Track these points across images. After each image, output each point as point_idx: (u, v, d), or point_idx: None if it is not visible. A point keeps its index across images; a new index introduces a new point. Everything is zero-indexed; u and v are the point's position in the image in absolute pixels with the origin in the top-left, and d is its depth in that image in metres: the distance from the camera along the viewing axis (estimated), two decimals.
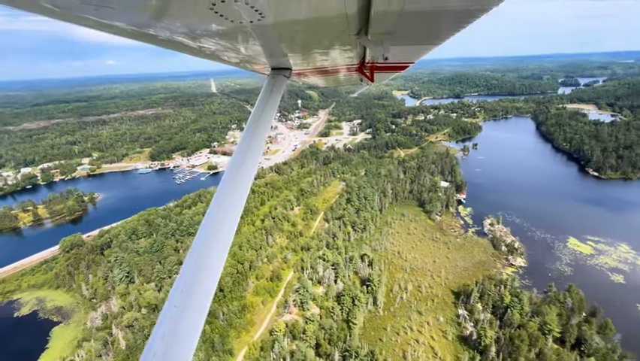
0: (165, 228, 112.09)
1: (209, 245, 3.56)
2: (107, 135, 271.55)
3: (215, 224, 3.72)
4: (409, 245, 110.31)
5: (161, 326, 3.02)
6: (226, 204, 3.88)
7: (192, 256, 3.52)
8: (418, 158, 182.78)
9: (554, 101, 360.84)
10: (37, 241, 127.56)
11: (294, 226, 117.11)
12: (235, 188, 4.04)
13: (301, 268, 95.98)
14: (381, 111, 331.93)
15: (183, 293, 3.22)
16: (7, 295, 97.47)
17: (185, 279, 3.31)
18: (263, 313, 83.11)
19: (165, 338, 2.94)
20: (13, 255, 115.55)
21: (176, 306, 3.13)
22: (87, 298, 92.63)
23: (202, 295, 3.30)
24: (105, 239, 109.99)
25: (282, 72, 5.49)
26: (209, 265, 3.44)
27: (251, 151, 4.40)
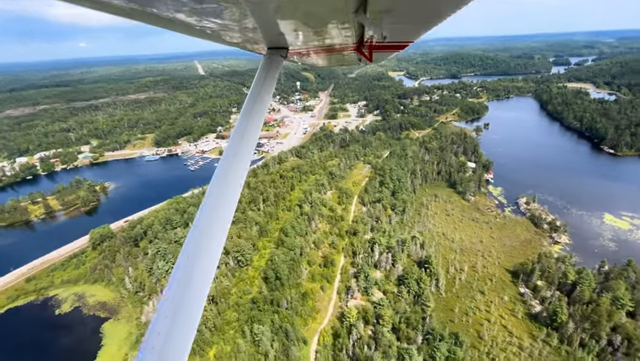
0: None
1: (208, 230, 3.53)
2: (103, 122, 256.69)
3: (214, 207, 3.70)
4: (451, 226, 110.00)
5: (151, 336, 2.95)
6: (225, 187, 3.85)
7: (192, 238, 3.47)
8: (437, 139, 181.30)
9: (552, 80, 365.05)
10: (56, 235, 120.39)
11: (332, 210, 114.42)
12: (233, 171, 3.99)
13: (352, 252, 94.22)
14: (385, 92, 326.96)
15: (179, 289, 3.17)
16: (41, 293, 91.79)
17: (181, 273, 3.27)
18: (324, 299, 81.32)
19: (161, 336, 2.90)
20: (35, 250, 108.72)
21: (172, 303, 3.10)
22: (132, 291, 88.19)
23: (197, 292, 3.23)
24: (138, 230, 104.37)
25: (278, 52, 5.30)
26: (208, 250, 3.43)
27: (248, 133, 4.33)
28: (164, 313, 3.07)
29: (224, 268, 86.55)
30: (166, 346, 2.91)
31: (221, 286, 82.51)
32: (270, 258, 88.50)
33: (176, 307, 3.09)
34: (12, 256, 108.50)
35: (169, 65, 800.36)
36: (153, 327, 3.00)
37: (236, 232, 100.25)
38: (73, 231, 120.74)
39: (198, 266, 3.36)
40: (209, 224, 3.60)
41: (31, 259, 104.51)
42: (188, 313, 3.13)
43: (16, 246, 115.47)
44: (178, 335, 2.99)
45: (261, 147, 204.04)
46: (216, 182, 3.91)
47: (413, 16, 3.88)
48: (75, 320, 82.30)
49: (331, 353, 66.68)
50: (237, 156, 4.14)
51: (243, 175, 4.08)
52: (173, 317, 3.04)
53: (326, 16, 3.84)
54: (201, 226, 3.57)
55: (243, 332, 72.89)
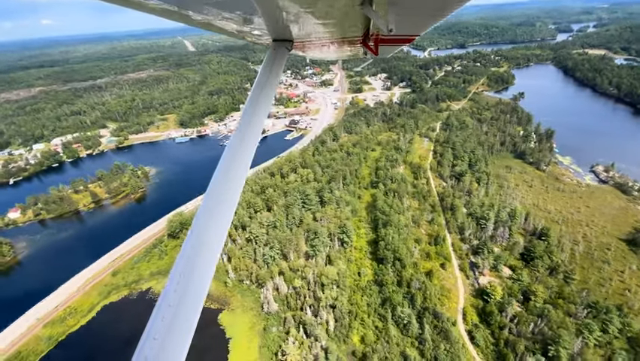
0: (285, 198, 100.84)
1: (214, 216, 3.53)
2: (115, 103, 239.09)
3: (217, 199, 3.69)
4: (539, 197, 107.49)
5: (153, 327, 2.96)
6: (231, 175, 3.87)
7: (198, 223, 3.48)
8: (486, 109, 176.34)
9: (567, 46, 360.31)
10: (117, 225, 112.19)
11: (414, 186, 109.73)
12: (239, 159, 4.02)
13: (458, 228, 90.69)
14: (404, 64, 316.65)
15: (180, 283, 3.15)
16: (133, 287, 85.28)
17: (184, 266, 3.25)
18: (449, 278, 78.18)
19: (158, 340, 2.90)
20: (103, 242, 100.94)
21: (171, 305, 3.08)
22: (236, 280, 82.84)
23: (198, 286, 3.24)
24: None
25: (283, 44, 5.33)
26: (214, 236, 3.44)
27: (253, 124, 4.33)
28: (166, 303, 3.05)
29: (332, 250, 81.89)
30: (168, 336, 2.90)
31: (338, 268, 77.95)
32: (382, 238, 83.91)
33: (179, 301, 3.07)
34: (80, 250, 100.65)
35: (154, 42, 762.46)
36: (155, 318, 2.98)
37: (331, 212, 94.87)
38: (134, 220, 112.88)
39: (201, 257, 3.34)
40: (214, 211, 3.57)
41: (103, 253, 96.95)
42: (190, 306, 3.12)
43: (80, 239, 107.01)
44: (181, 325, 2.98)
45: (296, 123, 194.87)
46: (222, 169, 3.87)
47: (419, 9, 3.81)
48: None
49: (488, 332, 64.18)
50: (243, 145, 4.10)
51: (247, 163, 4.06)
52: (176, 309, 3.02)
53: (331, 9, 3.79)
54: (207, 212, 3.55)
55: (382, 316, 69.44)
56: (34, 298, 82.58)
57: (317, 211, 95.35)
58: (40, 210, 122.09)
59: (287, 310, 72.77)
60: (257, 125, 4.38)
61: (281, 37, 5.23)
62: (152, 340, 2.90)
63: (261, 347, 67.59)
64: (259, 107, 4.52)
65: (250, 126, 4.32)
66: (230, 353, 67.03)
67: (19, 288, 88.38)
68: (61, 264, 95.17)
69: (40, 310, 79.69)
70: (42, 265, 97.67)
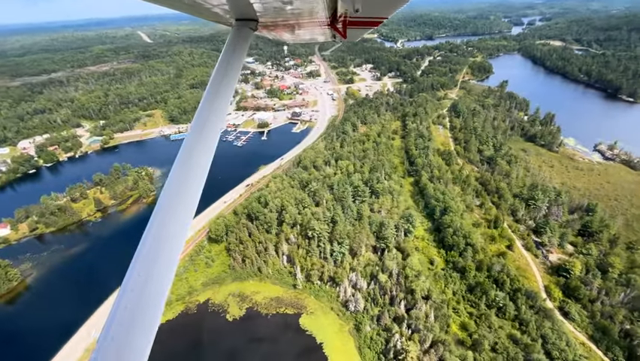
0: (332, 191, 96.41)
1: (170, 219, 3.25)
2: (86, 99, 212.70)
3: (178, 192, 3.45)
4: (563, 176, 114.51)
5: (110, 329, 2.70)
6: (193, 163, 3.65)
7: (151, 231, 3.16)
8: (486, 97, 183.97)
9: (528, 38, 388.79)
10: (135, 234, 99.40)
11: (452, 172, 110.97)
12: (201, 147, 3.77)
13: (510, 211, 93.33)
14: (387, 54, 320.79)
15: (138, 283, 2.90)
16: (187, 300, 76.25)
17: (141, 265, 2.99)
18: (519, 258, 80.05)
19: (115, 342, 2.66)
20: (128, 255, 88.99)
21: (127, 308, 2.80)
22: (304, 281, 77.65)
23: (160, 282, 2.98)
24: (269, 217, 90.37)
25: (247, 24, 5.02)
26: (174, 230, 3.18)
27: (215, 110, 4.06)
28: (123, 304, 2.79)
29: (394, 240, 79.90)
30: (126, 339, 2.68)
31: (410, 261, 76.14)
32: (447, 224, 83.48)
33: (138, 298, 2.83)
34: (101, 267, 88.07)
35: (102, 33, 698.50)
36: (112, 319, 2.74)
37: (387, 203, 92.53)
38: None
39: (163, 249, 3.11)
40: (176, 202, 3.33)
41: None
42: (150, 304, 2.87)
43: (96, 254, 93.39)
44: (139, 328, 2.75)
45: (298, 116, 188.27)
46: (183, 158, 3.64)
47: None
48: (261, 323, 70.38)
49: (579, 306, 66.68)
50: (205, 133, 3.83)
51: (211, 151, 3.81)
52: (134, 309, 2.77)
53: None
54: (168, 203, 3.30)
55: (472, 303, 69.21)
56: (63, 330, 70.39)
57: (374, 203, 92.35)
58: (36, 223, 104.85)
59: (374, 307, 69.68)
60: (220, 113, 4.02)
61: (244, 16, 4.93)
62: (110, 340, 2.65)
63: (360, 347, 64.05)
64: (221, 92, 4.16)
65: (212, 113, 3.96)
66: (330, 359, 62.53)
67: (38, 319, 74.82)
68: (84, 285, 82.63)
69: (79, 344, 68.26)
70: (58, 288, 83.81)
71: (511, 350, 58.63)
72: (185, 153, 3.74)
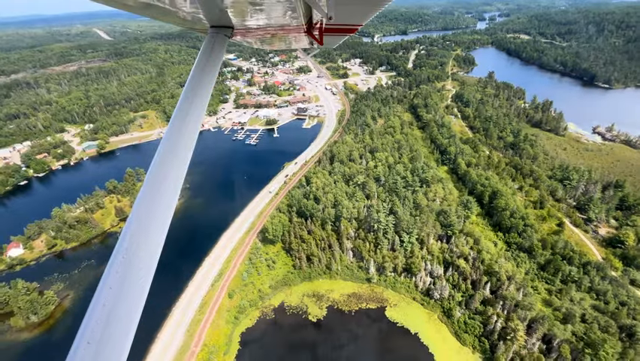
0: (379, 183, 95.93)
1: (147, 223, 3.28)
2: (65, 102, 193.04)
3: (157, 192, 3.48)
4: (577, 157, 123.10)
5: (87, 329, 2.62)
6: (168, 174, 3.64)
7: (128, 236, 3.19)
8: (484, 87, 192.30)
9: (497, 33, 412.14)
10: (176, 243, 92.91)
11: (482, 159, 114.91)
12: (176, 155, 3.76)
13: (549, 191, 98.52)
14: (372, 48, 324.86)
15: (116, 282, 2.89)
16: (260, 305, 72.26)
17: (119, 266, 2.97)
18: (572, 235, 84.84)
19: (92, 345, 2.57)
20: (176, 265, 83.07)
21: (105, 305, 2.77)
22: (376, 274, 76.66)
23: (137, 286, 2.98)
24: (327, 213, 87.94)
25: (222, 31, 5.07)
26: (147, 246, 3.19)
27: (191, 116, 4.09)
28: (102, 302, 2.74)
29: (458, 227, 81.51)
30: (104, 340, 2.60)
31: (485, 244, 78.05)
32: (503, 208, 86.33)
33: (116, 295, 2.81)
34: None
35: (54, 30, 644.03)
36: (89, 319, 2.67)
37: (440, 191, 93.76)
38: (195, 232, 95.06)
39: (140, 254, 3.14)
40: (150, 210, 3.35)
41: (186, 276, 79.90)
42: (130, 302, 2.85)
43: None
44: (118, 327, 2.71)
45: (305, 112, 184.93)
46: (158, 166, 3.62)
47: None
48: (348, 319, 68.46)
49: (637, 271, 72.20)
50: (180, 141, 3.87)
51: (186, 160, 3.84)
52: (113, 307, 2.73)
53: None
54: (142, 211, 3.33)
55: (547, 279, 72.39)
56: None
57: (427, 191, 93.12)
58: (54, 239, 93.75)
59: (457, 293, 70.54)
60: (195, 120, 4.03)
61: (219, 23, 4.92)
62: (86, 344, 2.54)
63: (457, 333, 64.63)
64: (197, 99, 4.17)
65: (188, 121, 3.97)
66: (431, 348, 62.39)
67: None
68: None
69: None
70: None
71: (600, 318, 62.14)
72: (160, 161, 3.59)
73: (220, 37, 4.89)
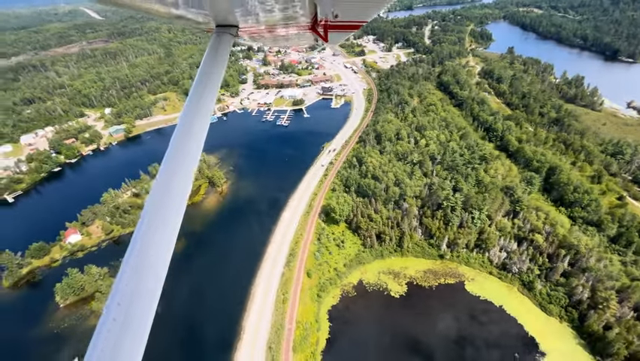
0: (435, 162, 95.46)
1: (157, 229, 3.23)
2: (80, 85, 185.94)
3: (167, 193, 3.47)
4: (619, 131, 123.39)
5: (98, 343, 2.58)
6: (177, 171, 3.61)
7: (146, 214, 3.21)
8: (511, 63, 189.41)
9: (508, 6, 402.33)
10: (232, 224, 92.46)
11: (528, 135, 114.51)
12: (183, 160, 3.72)
13: (605, 165, 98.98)
14: (385, 24, 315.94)
15: (125, 297, 2.77)
16: (340, 284, 72.98)
17: (128, 277, 2.87)
18: (633, 208, 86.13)
19: (105, 353, 2.55)
20: (238, 246, 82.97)
21: (115, 319, 2.67)
22: (447, 251, 77.56)
23: (147, 297, 2.87)
24: (392, 191, 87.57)
25: (228, 30, 5.08)
26: (158, 253, 3.09)
27: (200, 114, 4.09)
28: (112, 316, 2.69)
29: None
30: (115, 353, 2.58)
31: (557, 218, 78.92)
32: (566, 183, 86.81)
33: (127, 309, 2.74)
34: (225, 263, 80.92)
35: (41, 10, 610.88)
36: (98, 335, 2.62)
37: (501, 168, 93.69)
38: (248, 215, 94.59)
39: (154, 248, 3.09)
40: (160, 215, 3.31)
41: (255, 256, 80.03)
42: (142, 314, 2.78)
43: (206, 250, 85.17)
44: (129, 341, 2.66)
45: (330, 91, 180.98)
46: (166, 169, 3.61)
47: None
48: (431, 294, 69.66)
49: None
50: (188, 140, 3.83)
51: (195, 161, 3.80)
52: (124, 320, 2.70)
53: None
54: (152, 216, 3.29)
55: (619, 252, 73.89)
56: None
57: (488, 168, 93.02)
58: (110, 224, 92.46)
59: (534, 266, 71.85)
60: (203, 119, 4.04)
61: (225, 22, 4.98)
62: (100, 352, 2.58)
63: (541, 304, 66.32)
64: (204, 98, 4.19)
65: (196, 120, 3.96)
66: (519, 319, 64.10)
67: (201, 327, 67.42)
68: (225, 280, 75.53)
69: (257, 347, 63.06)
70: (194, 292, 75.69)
71: None
72: (168, 163, 3.60)
73: (226, 36, 4.92)
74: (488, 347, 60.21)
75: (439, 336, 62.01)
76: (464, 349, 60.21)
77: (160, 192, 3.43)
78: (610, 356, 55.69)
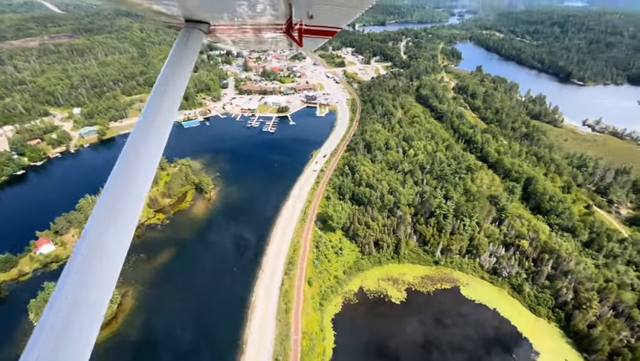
0: (424, 171, 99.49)
1: (107, 232, 2.93)
2: (44, 82, 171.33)
3: (120, 199, 3.16)
4: (578, 146, 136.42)
5: (49, 316, 2.41)
6: (130, 182, 3.32)
7: (80, 255, 2.77)
8: (482, 80, 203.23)
9: (472, 28, 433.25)
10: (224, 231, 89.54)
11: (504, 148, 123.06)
12: (140, 164, 3.47)
13: (572, 177, 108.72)
14: (362, 37, 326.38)
15: (70, 294, 2.54)
16: (341, 291, 72.82)
17: (74, 279, 2.62)
18: (598, 216, 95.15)
19: (54, 330, 2.37)
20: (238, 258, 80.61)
21: (53, 327, 2.40)
22: (441, 256, 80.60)
23: (94, 305, 2.62)
24: (387, 199, 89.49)
25: (198, 26, 4.82)
26: (106, 261, 2.81)
27: (163, 114, 3.83)
28: (49, 324, 2.39)
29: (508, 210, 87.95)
30: (67, 328, 2.38)
31: (539, 225, 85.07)
32: (540, 192, 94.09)
33: (67, 317, 2.46)
34: (223, 276, 77.84)
35: None
36: (51, 306, 2.44)
37: (486, 177, 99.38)
38: (239, 223, 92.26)
39: (101, 262, 2.80)
40: (117, 212, 3.07)
41: (252, 267, 78.06)
42: (84, 326, 2.50)
43: (193, 261, 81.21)
44: (83, 315, 2.49)
45: (314, 99, 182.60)
46: (121, 172, 3.35)
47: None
48: (429, 300, 71.66)
49: None
50: (149, 141, 3.60)
51: (153, 165, 3.57)
52: (78, 297, 2.51)
53: None
54: (107, 212, 3.04)
55: (592, 255, 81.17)
56: None
57: (474, 178, 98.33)
58: None
59: (521, 270, 76.68)
60: (166, 119, 3.82)
61: (195, 17, 4.78)
62: (49, 329, 2.36)
63: (531, 306, 70.75)
64: (168, 98, 3.94)
65: (158, 119, 3.74)
66: (512, 321, 67.80)
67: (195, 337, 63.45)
68: (224, 296, 72.30)
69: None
70: (175, 304, 71.46)
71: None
72: (123, 166, 3.40)
73: (195, 32, 4.68)
74: (488, 347, 63.03)
75: (444, 340, 63.89)
76: (466, 350, 62.46)
77: (113, 194, 3.07)
78: (595, 353, 60.62)
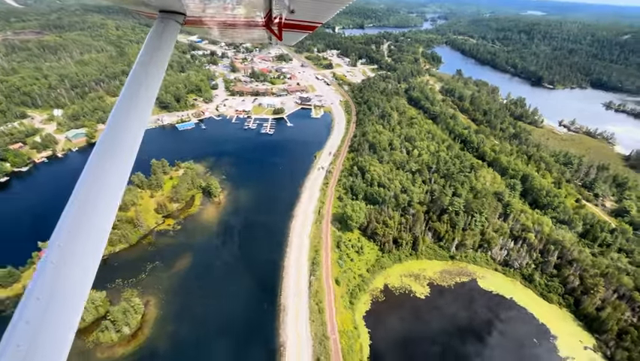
0: (431, 170, 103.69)
1: (93, 205, 2.94)
2: (18, 81, 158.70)
3: (98, 183, 3.14)
4: (558, 145, 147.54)
5: (24, 310, 2.39)
6: (105, 178, 3.26)
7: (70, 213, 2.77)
8: (467, 83, 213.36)
9: (447, 33, 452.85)
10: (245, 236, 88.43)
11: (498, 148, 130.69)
12: (114, 160, 3.39)
13: (559, 173, 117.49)
14: (346, 40, 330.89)
15: (44, 294, 2.50)
16: (368, 290, 74.42)
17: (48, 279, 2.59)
18: (588, 208, 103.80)
19: (31, 325, 2.36)
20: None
21: (29, 322, 2.41)
22: (454, 251, 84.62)
23: (69, 304, 2.61)
24: (402, 198, 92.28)
25: (173, 16, 4.71)
26: (81, 259, 2.81)
27: (136, 111, 3.70)
28: (25, 319, 2.38)
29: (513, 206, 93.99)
30: (44, 324, 2.31)
31: (543, 219, 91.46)
32: (539, 188, 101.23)
33: (43, 315, 2.43)
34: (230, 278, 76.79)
35: None
36: (27, 300, 2.39)
37: (489, 175, 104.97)
38: (264, 227, 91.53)
39: (76, 259, 2.79)
40: (94, 201, 3.05)
41: (274, 266, 77.97)
42: (72, 291, 2.54)
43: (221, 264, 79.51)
44: (60, 312, 2.41)
45: (308, 101, 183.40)
46: (97, 164, 3.31)
47: None
48: (453, 293, 74.96)
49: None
50: (124, 137, 3.52)
51: (129, 161, 3.53)
52: (53, 294, 2.47)
53: None
54: (81, 211, 3.01)
55: (587, 245, 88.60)
56: None
57: (479, 176, 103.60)
58: None
59: (530, 261, 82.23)
60: (141, 114, 3.67)
61: (170, 8, 4.60)
62: (25, 324, 2.34)
63: (542, 294, 76.04)
64: (142, 91, 3.81)
65: (133, 114, 3.62)
66: (528, 309, 72.61)
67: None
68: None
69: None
70: (206, 319, 69.67)
71: (637, 273, 79.40)
72: (97, 162, 3.29)
73: (170, 23, 4.55)
74: (512, 334, 67.26)
75: (472, 329, 67.31)
76: (494, 337, 66.24)
77: (87, 192, 2.93)
78: (605, 333, 66.53)
